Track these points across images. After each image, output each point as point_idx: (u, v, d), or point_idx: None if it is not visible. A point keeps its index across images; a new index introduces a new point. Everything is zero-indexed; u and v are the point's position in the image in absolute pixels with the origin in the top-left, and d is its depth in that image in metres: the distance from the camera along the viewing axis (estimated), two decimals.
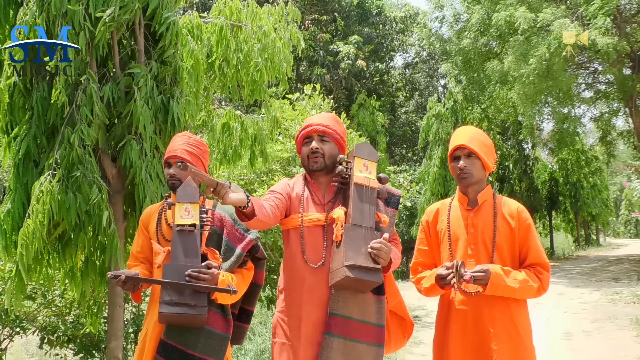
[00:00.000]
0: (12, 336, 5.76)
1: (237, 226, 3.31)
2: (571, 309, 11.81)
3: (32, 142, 4.34)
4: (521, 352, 3.08)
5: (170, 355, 3.10)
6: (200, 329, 3.14)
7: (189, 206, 3.19)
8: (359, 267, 2.88)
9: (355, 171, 3.11)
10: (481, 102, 22.46)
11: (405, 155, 29.82)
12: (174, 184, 3.30)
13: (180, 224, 3.16)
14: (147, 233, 3.36)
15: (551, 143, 25.32)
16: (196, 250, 3.16)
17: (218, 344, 3.19)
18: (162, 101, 4.53)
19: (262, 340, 7.51)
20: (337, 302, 3.00)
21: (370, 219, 3.04)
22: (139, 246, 3.38)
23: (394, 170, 17.85)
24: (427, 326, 9.93)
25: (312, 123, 3.24)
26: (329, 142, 3.21)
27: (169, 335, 3.12)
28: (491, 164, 3.20)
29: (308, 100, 9.20)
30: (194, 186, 3.25)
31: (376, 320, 3.05)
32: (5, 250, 4.32)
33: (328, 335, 2.97)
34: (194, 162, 3.32)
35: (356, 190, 3.07)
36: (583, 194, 32.38)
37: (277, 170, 7.56)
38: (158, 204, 3.50)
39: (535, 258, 3.11)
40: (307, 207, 3.18)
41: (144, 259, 3.35)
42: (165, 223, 3.31)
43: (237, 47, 5.46)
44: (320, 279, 3.06)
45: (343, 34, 25.41)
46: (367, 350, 3.00)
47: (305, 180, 3.29)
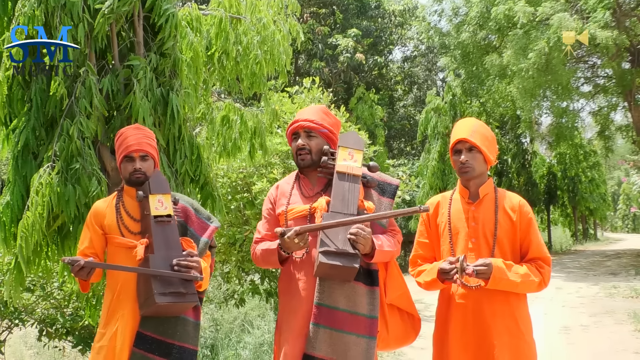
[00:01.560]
0: (11, 328, 5.77)
1: (199, 215, 3.40)
2: (569, 303, 11.83)
3: (31, 134, 4.32)
4: (521, 347, 3.08)
5: (150, 346, 3.11)
6: (176, 318, 3.18)
7: (162, 197, 3.23)
8: (334, 252, 2.89)
9: (339, 160, 3.12)
10: (480, 96, 22.48)
11: (403, 149, 29.78)
12: (139, 177, 3.28)
13: (158, 215, 3.19)
14: (100, 230, 3.32)
15: (549, 137, 25.34)
16: (176, 240, 3.20)
17: (193, 330, 3.24)
18: (162, 93, 4.51)
19: (260, 333, 7.52)
20: (323, 293, 2.99)
21: (351, 206, 3.03)
22: (88, 242, 3.34)
23: (393, 163, 17.86)
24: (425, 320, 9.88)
25: (299, 119, 3.24)
26: (316, 137, 3.21)
27: (146, 326, 3.13)
28: (493, 157, 3.19)
29: (307, 94, 9.17)
30: (164, 178, 3.32)
31: (368, 312, 3.03)
32: (5, 243, 4.31)
33: (314, 325, 2.97)
34: (153, 154, 3.36)
35: (338, 178, 3.08)
36: (581, 189, 32.42)
37: (276, 164, 7.54)
38: (106, 198, 3.49)
39: (537, 252, 3.11)
40: (294, 201, 3.19)
41: (92, 254, 3.31)
42: (127, 216, 3.30)
43: (237, 39, 5.43)
44: (306, 270, 3.08)
45: (342, 27, 25.33)
46: (357, 341, 2.98)
47: (297, 175, 3.31)
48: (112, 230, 3.29)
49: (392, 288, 3.20)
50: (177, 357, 3.14)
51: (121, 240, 3.25)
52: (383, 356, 7.35)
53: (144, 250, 3.13)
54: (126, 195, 3.35)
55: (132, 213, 3.30)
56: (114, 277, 3.26)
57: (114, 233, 3.28)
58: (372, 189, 3.19)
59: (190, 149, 4.73)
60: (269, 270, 7.42)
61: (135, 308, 3.15)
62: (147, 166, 3.31)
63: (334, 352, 2.95)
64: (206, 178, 4.87)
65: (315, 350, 2.94)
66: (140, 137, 3.34)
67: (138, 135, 3.35)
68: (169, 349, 3.13)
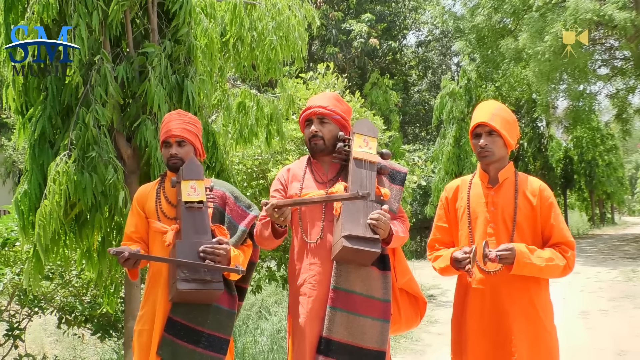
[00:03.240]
0: (31, 316, 5.81)
1: (238, 203, 3.38)
2: (587, 287, 11.76)
3: (47, 122, 4.33)
4: (540, 333, 3.05)
5: (179, 332, 3.14)
6: (208, 306, 3.18)
7: (194, 183, 3.23)
8: (357, 237, 2.90)
9: (355, 147, 3.14)
10: (495, 80, 22.29)
11: (418, 134, 29.65)
12: (175, 163, 3.30)
13: (189, 201, 3.19)
14: (143, 213, 3.36)
15: (566, 121, 25.10)
16: (206, 227, 3.20)
17: (226, 320, 3.24)
18: (177, 80, 4.50)
19: (277, 319, 7.54)
20: (340, 277, 3.01)
21: (369, 192, 3.03)
22: (134, 226, 3.38)
23: (408, 149, 17.79)
24: (442, 305, 9.92)
25: (312, 105, 3.24)
26: (329, 123, 3.21)
27: (176, 312, 3.16)
28: (513, 141, 3.14)
29: (321, 80, 9.14)
30: (198, 164, 3.31)
31: (382, 296, 3.05)
32: (23, 231, 4.33)
33: (331, 309, 2.99)
34: (192, 140, 3.35)
35: (355, 165, 3.10)
36: (598, 172, 32.17)
37: (291, 150, 7.54)
38: (151, 183, 3.52)
39: (560, 237, 3.07)
40: (308, 187, 3.19)
41: (138, 239, 3.35)
42: (166, 201, 3.33)
43: (252, 25, 5.41)
44: (321, 255, 3.08)
45: (355, 12, 25.17)
46: (372, 324, 3.01)
47: (309, 160, 3.31)
48: (151, 214, 3.33)
49: (401, 273, 3.23)
50: (206, 345, 3.16)
51: (157, 225, 3.28)
52: (400, 342, 7.35)
53: (174, 236, 3.15)
54: (167, 180, 3.38)
55: (171, 198, 3.33)
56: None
57: (152, 217, 3.32)
58: (384, 176, 3.20)
59: (206, 136, 4.73)
60: (285, 257, 7.43)
61: (167, 293, 3.19)
62: (184, 152, 3.32)
63: (350, 335, 2.98)
64: (222, 165, 4.87)
65: (332, 333, 2.97)
66: (180, 122, 3.35)
67: (179, 120, 3.36)
68: (198, 337, 3.15)
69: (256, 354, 6.17)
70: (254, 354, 6.21)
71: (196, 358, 3.14)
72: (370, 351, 2.99)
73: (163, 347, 3.14)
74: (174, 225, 3.19)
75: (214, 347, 3.17)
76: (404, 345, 7.32)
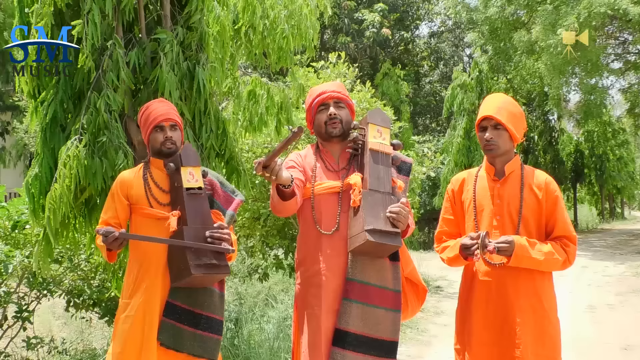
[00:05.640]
0: (40, 299, 5.84)
1: (224, 189, 3.44)
2: (595, 282, 11.75)
3: (59, 106, 4.35)
4: (545, 325, 3.07)
5: (180, 316, 3.18)
6: (204, 289, 3.23)
7: (192, 170, 3.27)
8: (380, 231, 2.90)
9: (370, 137, 3.13)
10: (507, 72, 22.20)
11: (429, 126, 29.55)
12: (170, 147, 3.32)
13: (190, 187, 3.23)
14: (126, 200, 3.34)
15: (577, 114, 25.00)
16: (207, 213, 3.26)
17: (219, 301, 3.30)
18: (188, 67, 4.51)
19: (284, 307, 7.56)
20: (355, 268, 3.02)
21: (386, 184, 3.06)
22: (112, 211, 3.36)
23: (418, 140, 17.74)
24: (448, 296, 9.95)
25: (327, 90, 3.25)
26: (344, 108, 3.24)
27: (177, 297, 3.19)
28: (519, 135, 3.15)
29: (333, 69, 9.12)
30: (194, 150, 3.34)
31: (393, 286, 3.07)
32: (34, 214, 4.36)
33: (346, 300, 3.00)
34: (181, 125, 3.42)
35: (372, 156, 3.09)
36: (609, 167, 31.99)
37: (300, 139, 7.54)
38: (132, 169, 3.52)
39: (562, 231, 3.08)
40: (320, 176, 3.18)
41: (116, 224, 3.34)
42: (156, 187, 3.33)
43: (264, 13, 5.40)
44: (336, 246, 3.08)
45: (368, 1, 25.08)
46: (385, 315, 3.03)
47: (318, 149, 3.29)
48: (140, 201, 3.31)
49: (406, 262, 3.24)
50: (206, 327, 3.21)
51: (150, 211, 3.27)
52: (406, 332, 7.37)
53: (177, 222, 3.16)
54: (153, 167, 3.38)
55: (161, 184, 3.33)
56: (139, 248, 3.29)
57: (141, 204, 3.31)
58: (393, 166, 3.21)
59: (216, 124, 4.73)
60: (293, 245, 7.44)
61: (165, 279, 3.20)
62: (176, 136, 3.36)
63: (365, 327, 2.99)
64: (232, 153, 4.88)
65: (349, 325, 2.98)
66: (168, 108, 3.40)
67: (165, 106, 3.41)
68: (198, 319, 3.19)
69: (262, 341, 6.20)
70: (259, 341, 6.24)
71: (197, 340, 3.18)
72: (384, 342, 3.02)
73: (163, 332, 3.16)
74: (175, 212, 3.19)
75: (212, 328, 3.23)
76: (409, 335, 7.35)
